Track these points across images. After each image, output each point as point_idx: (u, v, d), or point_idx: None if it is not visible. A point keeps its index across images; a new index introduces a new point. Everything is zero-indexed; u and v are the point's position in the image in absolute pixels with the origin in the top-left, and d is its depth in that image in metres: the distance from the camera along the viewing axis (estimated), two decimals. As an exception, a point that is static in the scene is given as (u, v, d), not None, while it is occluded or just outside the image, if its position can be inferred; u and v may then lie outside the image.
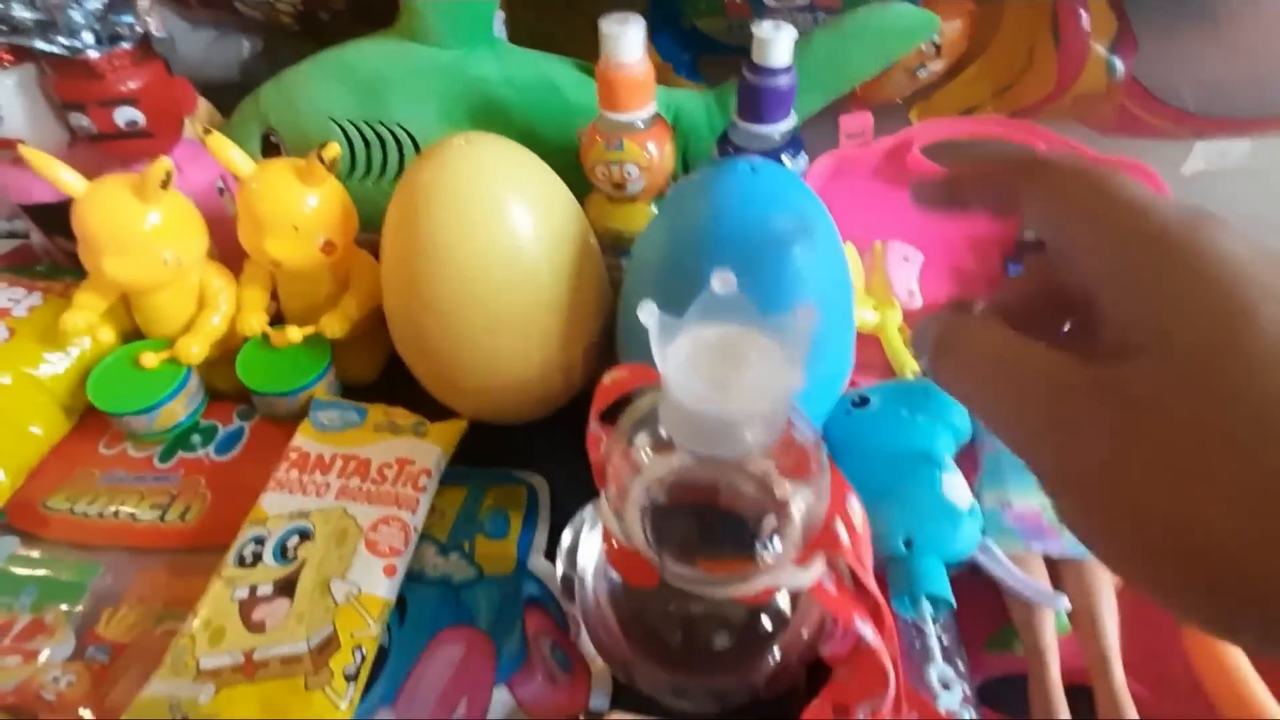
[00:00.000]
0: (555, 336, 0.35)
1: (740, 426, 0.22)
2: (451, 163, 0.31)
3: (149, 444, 0.40)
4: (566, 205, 0.35)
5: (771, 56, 0.35)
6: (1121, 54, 0.48)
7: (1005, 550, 0.33)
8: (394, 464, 0.35)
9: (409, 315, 0.35)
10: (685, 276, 0.30)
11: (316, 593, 0.30)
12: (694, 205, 0.31)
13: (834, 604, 0.26)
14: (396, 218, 0.33)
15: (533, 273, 0.33)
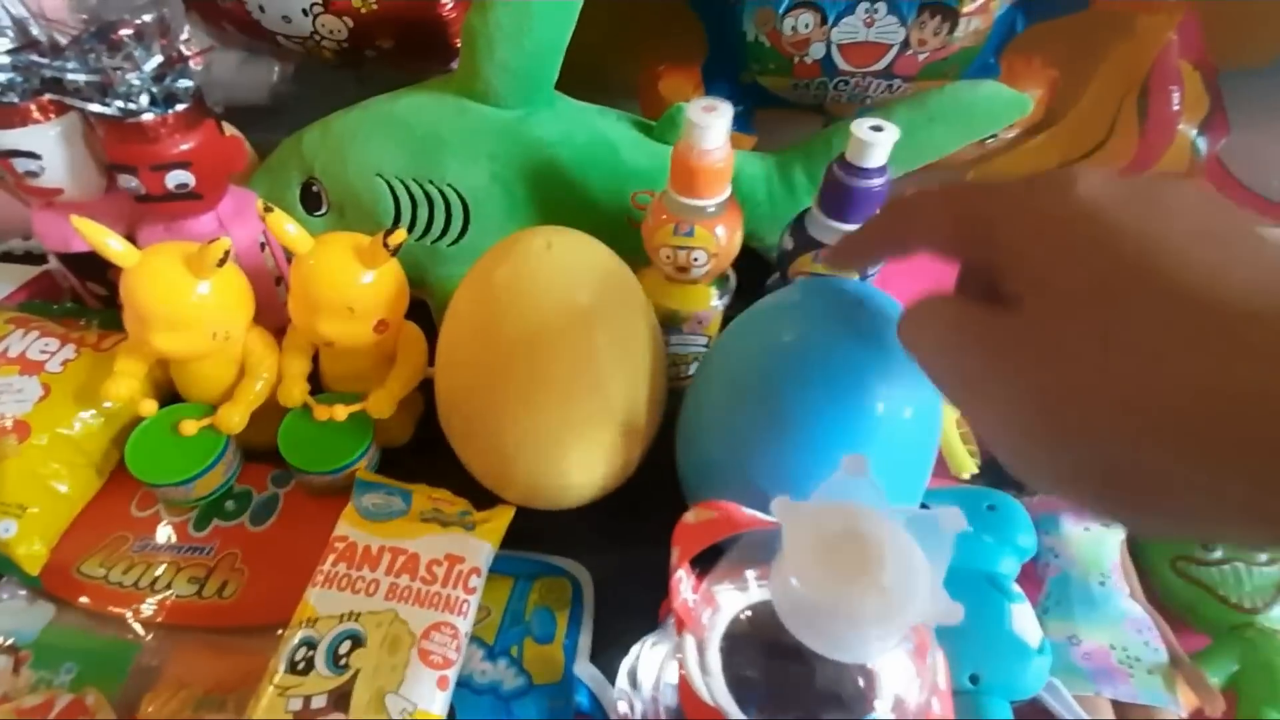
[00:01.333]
0: (618, 441, 0.34)
1: (873, 636, 0.20)
2: (532, 267, 0.30)
3: (182, 509, 0.39)
4: (638, 305, 0.34)
5: (869, 159, 0.33)
6: (1209, 136, 0.46)
7: (1072, 691, 0.32)
8: (443, 561, 0.34)
9: (464, 410, 0.34)
10: (769, 407, 0.29)
11: (372, 707, 0.29)
12: (785, 330, 0.30)
13: None
14: (465, 313, 0.32)
15: (603, 381, 0.32)
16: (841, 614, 0.19)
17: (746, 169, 0.46)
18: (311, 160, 0.43)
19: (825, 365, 0.28)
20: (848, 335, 0.28)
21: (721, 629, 0.24)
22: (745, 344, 0.32)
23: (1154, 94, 0.45)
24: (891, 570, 0.19)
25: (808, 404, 0.28)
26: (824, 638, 0.20)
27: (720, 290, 0.42)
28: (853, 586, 0.19)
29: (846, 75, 0.46)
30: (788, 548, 0.19)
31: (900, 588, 0.19)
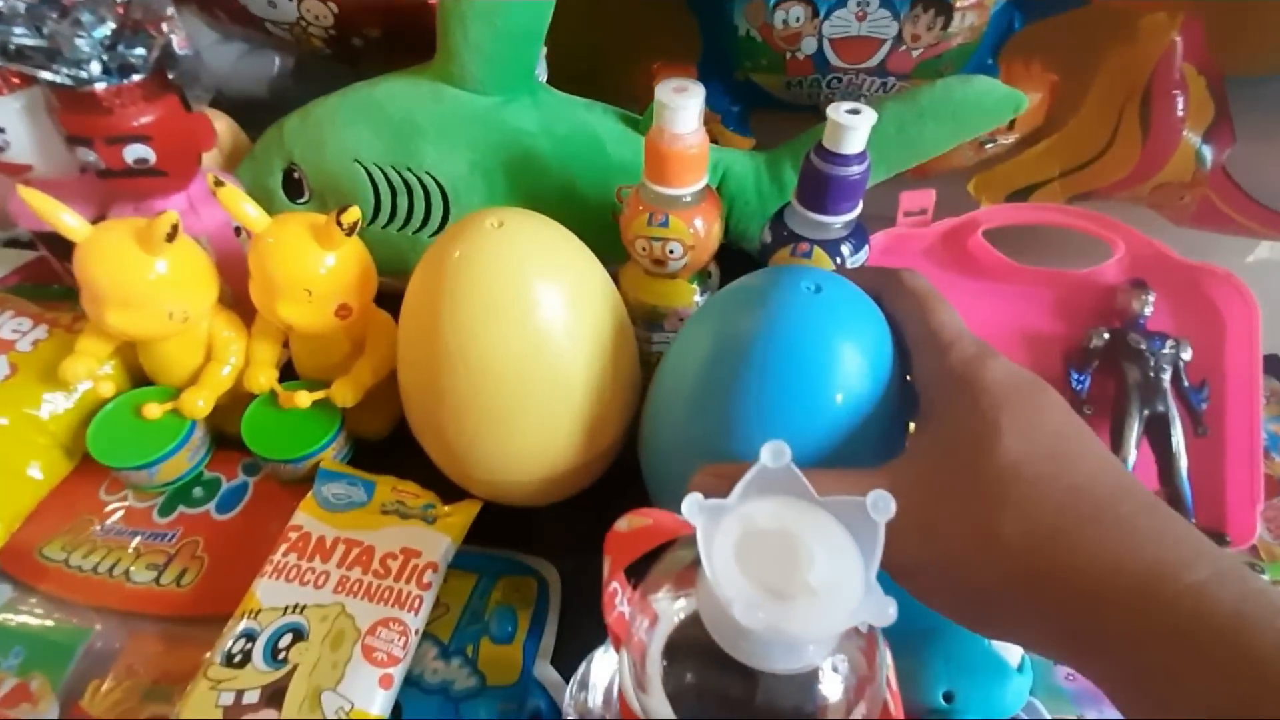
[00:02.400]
0: (580, 434, 0.33)
1: (806, 645, 0.19)
2: (481, 246, 0.29)
3: (150, 494, 0.39)
4: (602, 293, 0.33)
5: (847, 144, 0.32)
6: (1215, 144, 0.44)
7: (1053, 713, 0.30)
8: (399, 554, 0.33)
9: (423, 399, 0.33)
10: (722, 399, 0.28)
11: (306, 706, 0.28)
12: (743, 319, 0.28)
13: None
14: (417, 297, 0.31)
15: (561, 368, 0.31)
16: (768, 622, 0.17)
17: (735, 167, 0.45)
18: (292, 147, 0.42)
19: (782, 353, 0.27)
20: (806, 323, 0.27)
21: (661, 641, 0.23)
22: (701, 332, 0.30)
23: (1156, 100, 0.43)
24: (820, 568, 0.18)
25: (763, 394, 0.27)
26: (753, 648, 0.19)
27: (702, 286, 0.40)
28: (778, 590, 0.18)
29: (839, 72, 0.45)
30: (704, 552, 0.18)
31: (831, 587, 0.18)
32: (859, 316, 0.27)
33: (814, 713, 0.20)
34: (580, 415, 0.32)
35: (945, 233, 0.45)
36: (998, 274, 0.44)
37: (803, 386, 0.26)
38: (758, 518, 0.19)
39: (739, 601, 0.17)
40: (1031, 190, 0.51)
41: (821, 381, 0.26)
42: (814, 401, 0.26)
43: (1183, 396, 0.39)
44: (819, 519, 0.19)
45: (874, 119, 0.31)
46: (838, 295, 0.27)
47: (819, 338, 0.26)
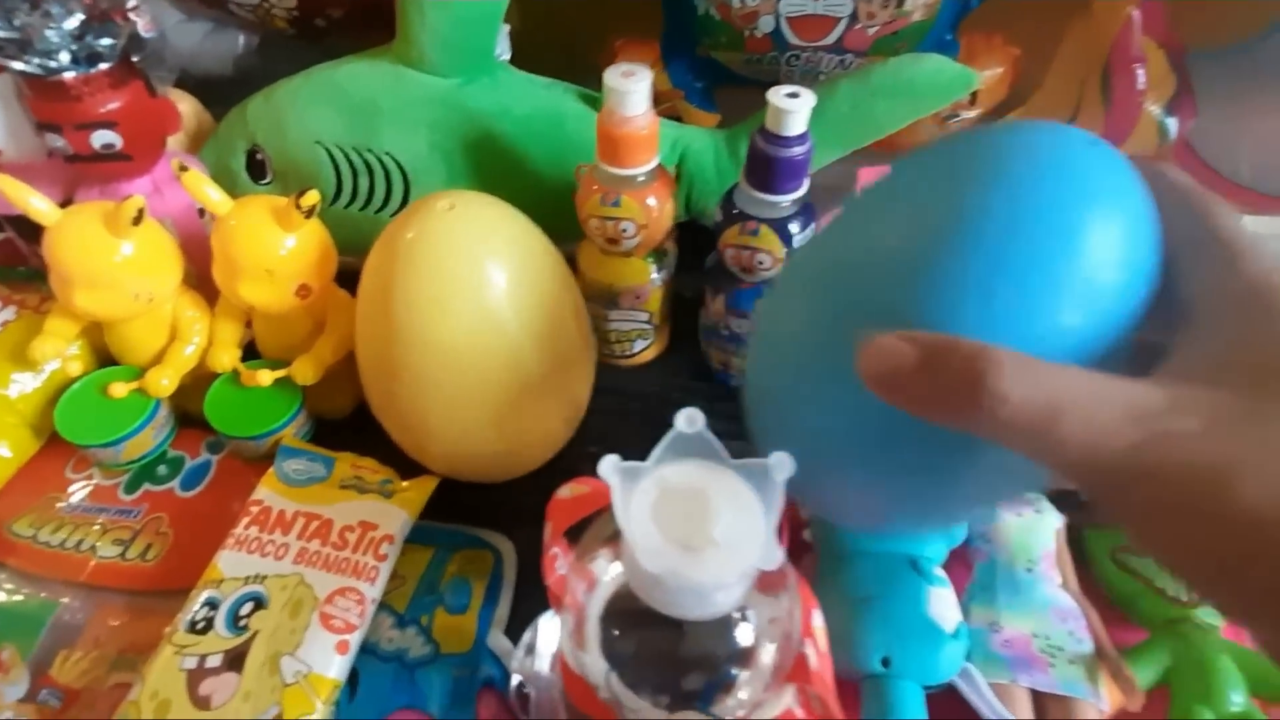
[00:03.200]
0: (534, 411, 0.34)
1: (712, 591, 0.20)
2: (432, 228, 0.29)
3: (116, 472, 0.39)
4: (553, 272, 0.33)
5: (788, 126, 0.32)
6: (1177, 117, 0.44)
7: (989, 678, 0.31)
8: (357, 527, 0.34)
9: (379, 376, 0.33)
10: (929, 279, 0.19)
11: (265, 669, 0.29)
12: (970, 170, 0.20)
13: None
14: (372, 277, 0.31)
15: (512, 346, 0.31)
16: (678, 572, 0.19)
17: (694, 145, 0.45)
18: (254, 128, 0.43)
19: (1028, 216, 0.18)
20: (1073, 181, 0.19)
21: (601, 603, 0.24)
22: (889, 203, 0.22)
23: (1116, 72, 0.44)
24: (725, 522, 0.19)
25: (993, 268, 0.18)
26: (667, 597, 0.20)
27: (658, 264, 0.41)
28: (686, 542, 0.19)
29: (798, 50, 0.45)
30: (620, 509, 0.19)
31: (734, 539, 0.19)
32: (1128, 183, 0.19)
33: (729, 655, 0.22)
34: (533, 392, 0.33)
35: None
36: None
37: (1050, 263, 0.18)
38: (673, 478, 0.20)
39: (650, 552, 0.19)
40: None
41: (1075, 259, 0.18)
42: (1060, 285, 0.18)
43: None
44: (728, 479, 0.20)
45: (813, 102, 0.32)
46: (1111, 154, 0.20)
47: (1083, 202, 0.18)
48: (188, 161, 0.37)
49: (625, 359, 0.46)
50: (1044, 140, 0.20)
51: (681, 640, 0.23)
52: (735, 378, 0.44)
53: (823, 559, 0.35)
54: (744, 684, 0.22)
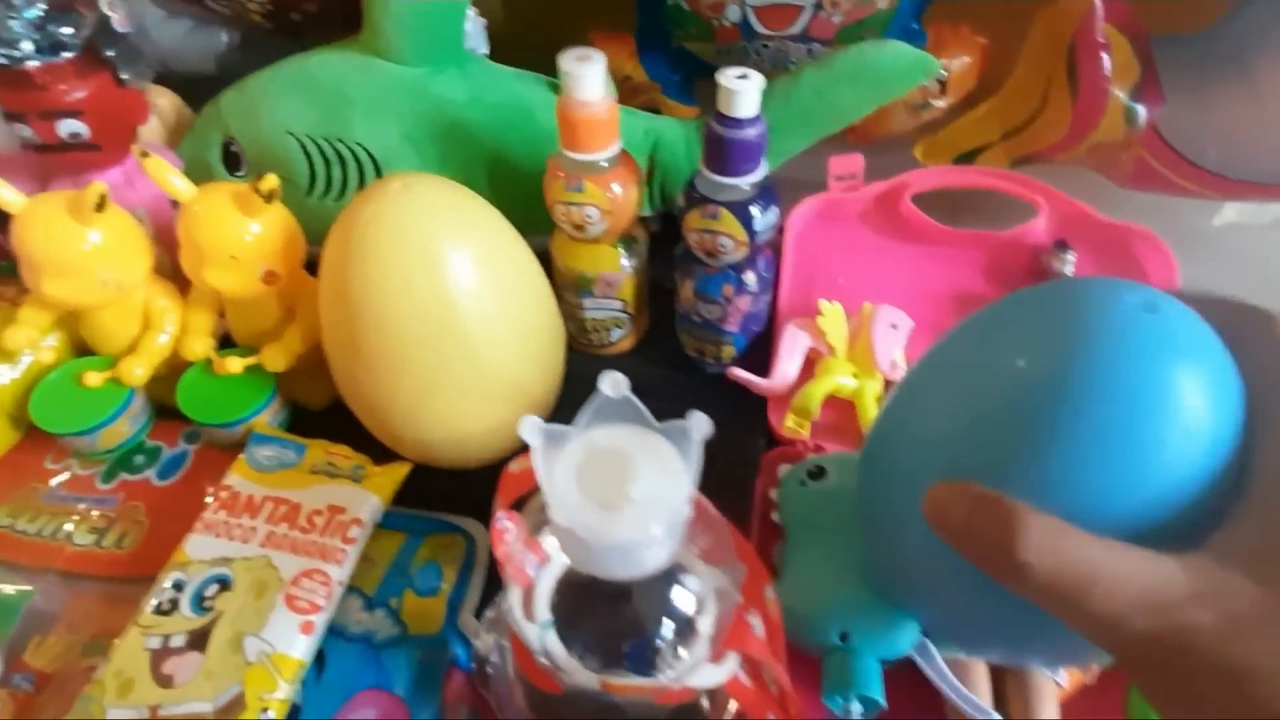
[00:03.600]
0: (501, 393, 0.34)
1: (635, 549, 0.21)
2: (387, 209, 0.30)
3: (94, 462, 0.40)
4: (513, 255, 0.34)
5: (738, 108, 0.33)
6: (1144, 102, 0.45)
7: (946, 653, 0.31)
8: (325, 511, 0.34)
9: (343, 360, 0.34)
10: (1010, 448, 0.20)
11: (228, 649, 0.30)
12: (1038, 343, 0.20)
13: (747, 700, 0.26)
14: (331, 260, 0.32)
15: (471, 327, 0.32)
16: (593, 528, 0.19)
17: (666, 135, 0.45)
18: (228, 120, 0.43)
19: (1101, 391, 0.19)
20: (1136, 351, 0.19)
21: (553, 577, 0.24)
22: (967, 359, 0.23)
23: (1081, 60, 0.44)
24: (644, 482, 0.19)
25: (1066, 445, 0.19)
26: (591, 557, 0.20)
27: (628, 251, 0.41)
28: (606, 502, 0.19)
29: (765, 39, 0.45)
30: (542, 472, 0.19)
31: (653, 498, 0.19)
32: (1205, 351, 0.19)
33: (665, 621, 0.23)
34: (497, 375, 0.33)
35: (879, 196, 0.46)
36: (930, 237, 0.45)
37: (1130, 436, 0.19)
38: (600, 441, 0.21)
39: (565, 508, 0.19)
40: (976, 154, 0.51)
41: (1147, 432, 0.18)
42: (1134, 458, 0.19)
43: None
44: (652, 441, 0.21)
45: (761, 82, 0.32)
46: (1176, 316, 0.20)
47: (1158, 368, 0.19)
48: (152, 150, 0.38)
49: (603, 348, 0.46)
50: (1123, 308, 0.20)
51: (623, 608, 0.23)
52: (711, 365, 0.44)
53: (790, 540, 0.35)
54: (682, 649, 0.23)
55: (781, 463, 0.37)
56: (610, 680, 0.23)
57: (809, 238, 0.45)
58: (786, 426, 0.40)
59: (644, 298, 0.46)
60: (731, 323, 0.41)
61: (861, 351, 0.41)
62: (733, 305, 0.40)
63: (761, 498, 0.37)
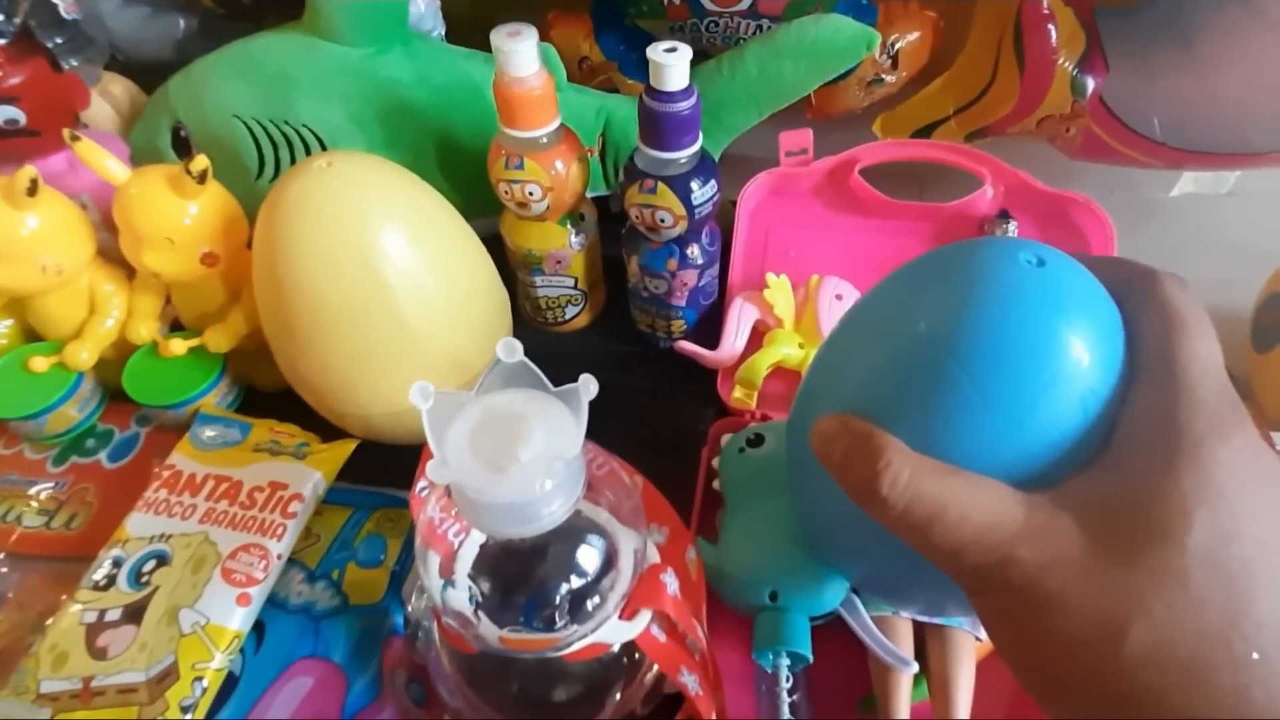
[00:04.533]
0: (438, 368, 0.34)
1: (527, 507, 0.21)
2: (311, 187, 0.30)
3: (45, 446, 0.40)
4: (446, 228, 0.34)
5: (668, 81, 0.33)
6: (1090, 74, 0.45)
7: (874, 610, 0.31)
8: (266, 487, 0.34)
9: (279, 337, 0.34)
10: (907, 400, 0.20)
11: (164, 621, 0.30)
12: (933, 298, 0.21)
13: (659, 654, 0.26)
14: (261, 238, 0.32)
15: (404, 303, 0.32)
16: (489, 491, 0.19)
17: (618, 113, 0.46)
18: (176, 105, 0.43)
19: (991, 344, 0.19)
20: (1023, 304, 0.19)
21: (477, 541, 0.24)
22: (875, 315, 0.24)
23: (1027, 33, 0.44)
24: (534, 443, 0.20)
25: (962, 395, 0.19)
26: (487, 519, 0.21)
27: (575, 228, 0.41)
28: (496, 464, 0.19)
29: (715, 16, 0.45)
30: (429, 434, 0.20)
31: (542, 458, 0.20)
32: (1090, 305, 0.20)
33: (569, 578, 0.23)
34: (433, 350, 0.34)
35: (830, 171, 0.46)
36: (879, 210, 0.45)
37: (1011, 389, 0.19)
38: (496, 405, 0.21)
39: (451, 471, 0.19)
40: (932, 128, 0.51)
41: (1034, 384, 0.19)
42: (1015, 409, 0.19)
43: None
44: (547, 404, 0.21)
45: (689, 54, 0.32)
46: (1065, 273, 0.20)
47: (1042, 325, 0.19)
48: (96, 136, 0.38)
49: (558, 326, 0.46)
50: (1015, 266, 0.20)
51: (535, 568, 0.24)
52: (663, 340, 0.45)
53: (728, 506, 0.35)
54: (591, 605, 0.23)
55: (727, 432, 0.37)
56: (508, 636, 0.23)
57: (761, 212, 0.46)
58: (734, 398, 0.40)
59: (598, 275, 0.46)
60: (678, 297, 0.41)
61: (808, 323, 0.41)
62: (678, 279, 0.40)
63: (707, 466, 0.37)
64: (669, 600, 0.25)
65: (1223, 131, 0.44)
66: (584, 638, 0.24)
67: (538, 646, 0.24)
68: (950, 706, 0.30)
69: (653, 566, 0.26)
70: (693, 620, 0.26)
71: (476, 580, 0.24)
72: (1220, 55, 0.43)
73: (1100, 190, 0.47)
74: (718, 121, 0.43)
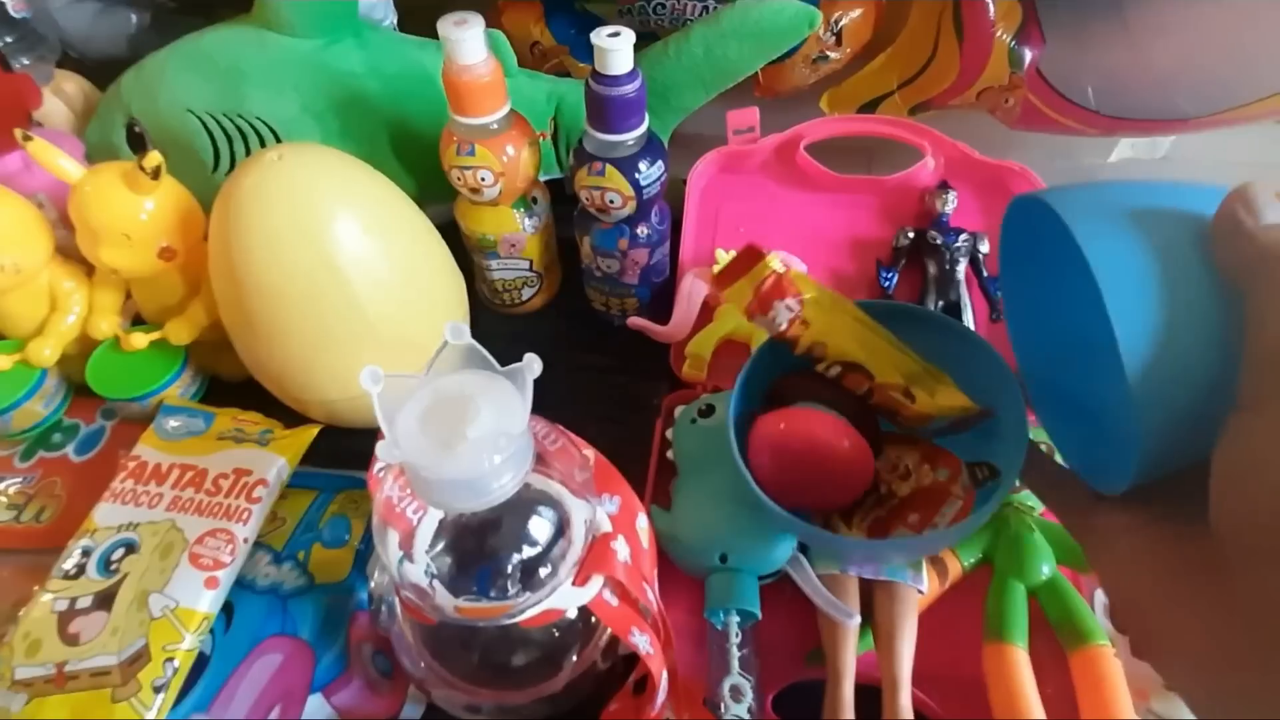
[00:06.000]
0: (394, 353, 0.35)
1: (475, 482, 0.22)
2: (263, 180, 0.31)
3: (11, 442, 0.41)
4: (397, 216, 0.35)
5: (612, 65, 0.34)
6: (1027, 45, 0.46)
7: (822, 569, 0.33)
8: (231, 474, 0.35)
9: (236, 327, 0.35)
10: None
11: (134, 606, 0.31)
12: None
13: (611, 618, 0.27)
14: (215, 230, 0.33)
15: (358, 290, 0.33)
16: (438, 469, 0.21)
17: (569, 97, 0.46)
18: (129, 101, 0.43)
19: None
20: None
21: (436, 517, 0.25)
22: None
23: (966, 7, 0.45)
24: (482, 422, 0.21)
25: None
26: (437, 493, 0.22)
27: (528, 212, 0.42)
28: (445, 443, 0.20)
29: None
30: (379, 416, 0.20)
31: (489, 436, 0.21)
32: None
33: (526, 544, 0.25)
34: (388, 335, 0.34)
35: (777, 148, 0.47)
36: (825, 184, 0.47)
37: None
38: (445, 387, 0.22)
39: (400, 451, 0.20)
40: (877, 103, 0.52)
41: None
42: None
43: (982, 286, 0.42)
44: (494, 384, 0.22)
45: (632, 38, 0.33)
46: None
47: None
48: (50, 135, 0.38)
49: (516, 307, 0.47)
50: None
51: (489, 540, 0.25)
52: (618, 317, 0.46)
53: (681, 474, 0.37)
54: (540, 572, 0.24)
55: (679, 404, 0.38)
56: (463, 605, 0.24)
57: (711, 190, 0.47)
58: (685, 371, 0.41)
59: (553, 257, 0.47)
60: (630, 275, 0.42)
61: (758, 297, 0.42)
62: (629, 258, 0.41)
63: (661, 437, 0.38)
64: (619, 566, 0.26)
65: (1153, 99, 0.46)
66: (537, 604, 0.26)
67: (492, 614, 0.25)
68: (894, 656, 0.31)
69: (604, 535, 0.27)
70: (643, 584, 0.27)
71: (434, 554, 0.25)
72: (1151, 25, 0.44)
73: (1041, 158, 0.48)
74: (666, 102, 0.44)
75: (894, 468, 0.34)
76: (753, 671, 0.31)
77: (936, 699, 0.32)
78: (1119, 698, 0.29)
